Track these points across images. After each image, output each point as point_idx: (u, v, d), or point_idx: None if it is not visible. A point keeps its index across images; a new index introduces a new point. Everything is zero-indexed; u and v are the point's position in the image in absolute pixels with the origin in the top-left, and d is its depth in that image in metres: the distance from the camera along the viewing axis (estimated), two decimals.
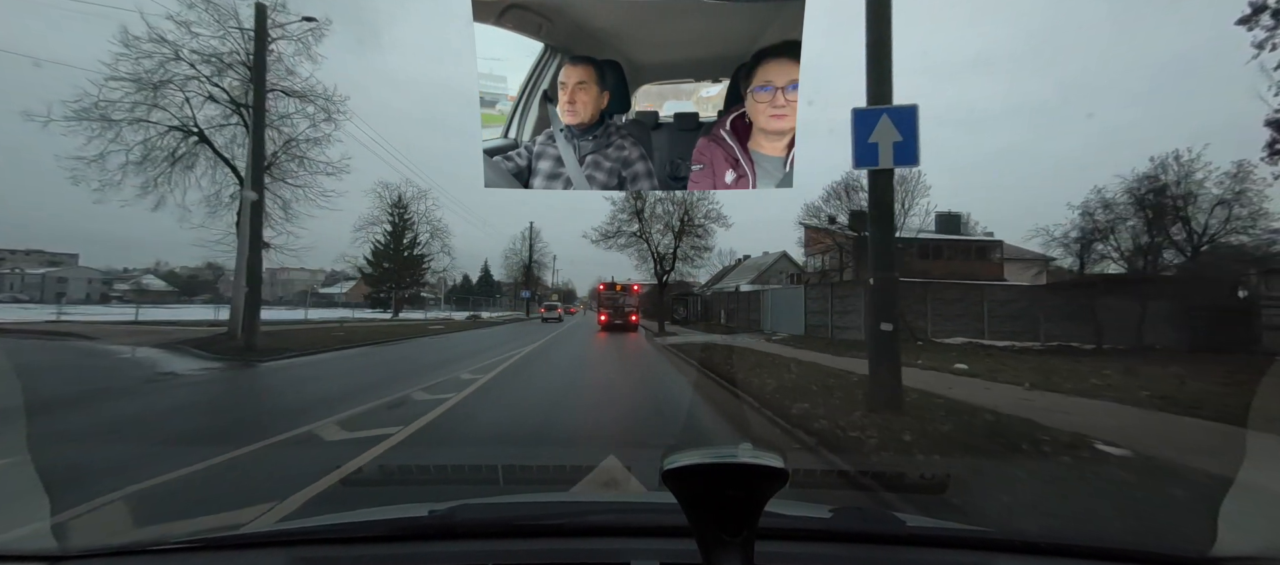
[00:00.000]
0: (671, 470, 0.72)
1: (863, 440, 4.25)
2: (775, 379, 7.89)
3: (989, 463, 3.67)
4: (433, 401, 6.37)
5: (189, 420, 5.58)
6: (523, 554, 1.20)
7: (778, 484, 0.72)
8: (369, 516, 1.35)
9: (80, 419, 5.42)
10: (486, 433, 5.09)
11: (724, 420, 5.86)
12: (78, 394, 6.87)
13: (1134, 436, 4.46)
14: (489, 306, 58.45)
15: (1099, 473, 3.47)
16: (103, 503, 2.89)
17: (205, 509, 2.85)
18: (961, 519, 2.70)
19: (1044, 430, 4.49)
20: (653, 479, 0.71)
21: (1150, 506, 2.98)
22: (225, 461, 3.77)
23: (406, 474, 3.17)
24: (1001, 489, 3.11)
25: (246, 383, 8.56)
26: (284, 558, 1.18)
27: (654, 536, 1.23)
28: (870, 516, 1.37)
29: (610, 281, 29.53)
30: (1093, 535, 2.03)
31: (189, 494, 3.16)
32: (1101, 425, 4.93)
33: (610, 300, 27.71)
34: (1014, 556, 1.21)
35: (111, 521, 2.78)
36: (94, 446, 4.34)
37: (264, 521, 2.60)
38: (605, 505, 1.54)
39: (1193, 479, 3.32)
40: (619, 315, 27.15)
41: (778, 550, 1.16)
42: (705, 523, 0.76)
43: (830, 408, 5.56)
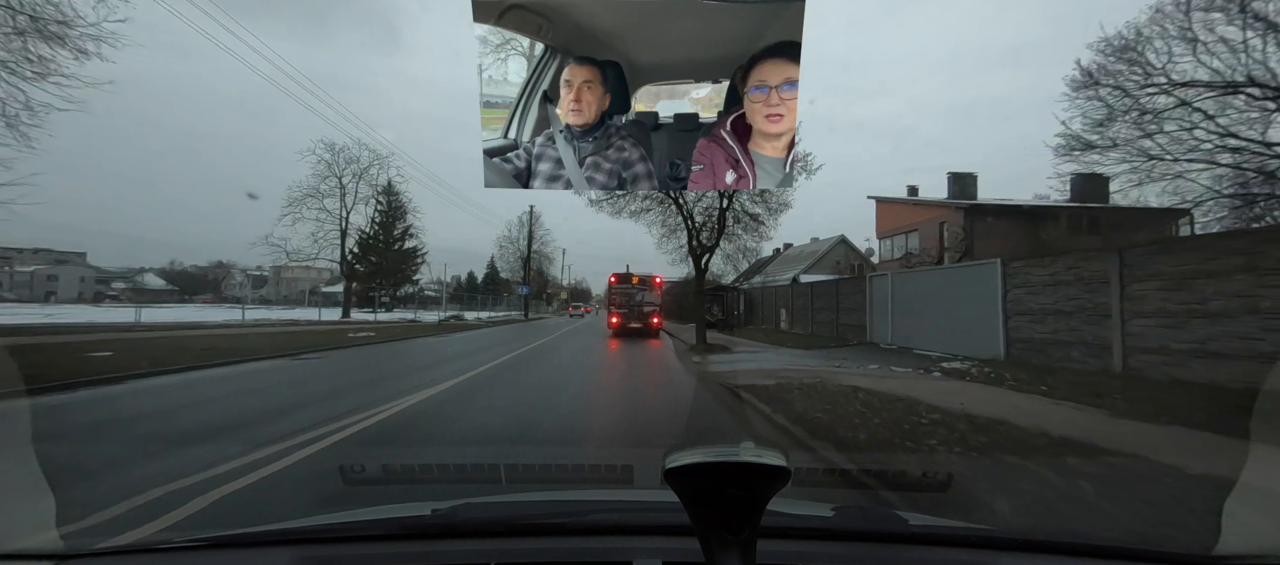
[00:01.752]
0: (674, 469, 0.73)
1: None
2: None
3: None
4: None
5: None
6: (526, 553, 1.20)
7: (780, 483, 0.73)
8: (372, 515, 1.35)
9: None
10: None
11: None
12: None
13: None
14: (494, 306, 51.30)
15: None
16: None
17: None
18: (964, 518, 2.70)
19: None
20: (655, 478, 0.72)
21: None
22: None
23: (409, 473, 3.17)
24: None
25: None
26: (288, 556, 1.18)
27: (657, 535, 1.23)
28: (872, 515, 1.37)
29: (624, 272, 22.22)
30: (1096, 534, 2.03)
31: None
32: None
33: (625, 297, 21.37)
34: (1016, 555, 1.22)
35: (115, 521, 2.78)
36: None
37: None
38: (608, 504, 1.54)
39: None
40: (636, 316, 21.06)
41: (780, 549, 1.16)
42: (708, 521, 0.76)
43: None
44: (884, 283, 15.75)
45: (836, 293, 19.11)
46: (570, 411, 6.07)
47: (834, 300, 19.03)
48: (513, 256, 49.41)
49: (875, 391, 6.68)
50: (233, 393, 7.12)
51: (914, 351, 12.82)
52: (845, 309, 18.13)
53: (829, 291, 19.92)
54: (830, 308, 19.22)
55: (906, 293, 14.62)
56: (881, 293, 15.70)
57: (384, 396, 6.60)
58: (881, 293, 15.70)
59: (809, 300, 21.60)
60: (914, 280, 14.74)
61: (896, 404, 5.85)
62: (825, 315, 19.71)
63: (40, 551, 1.15)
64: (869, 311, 16.11)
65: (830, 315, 19.18)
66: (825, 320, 19.68)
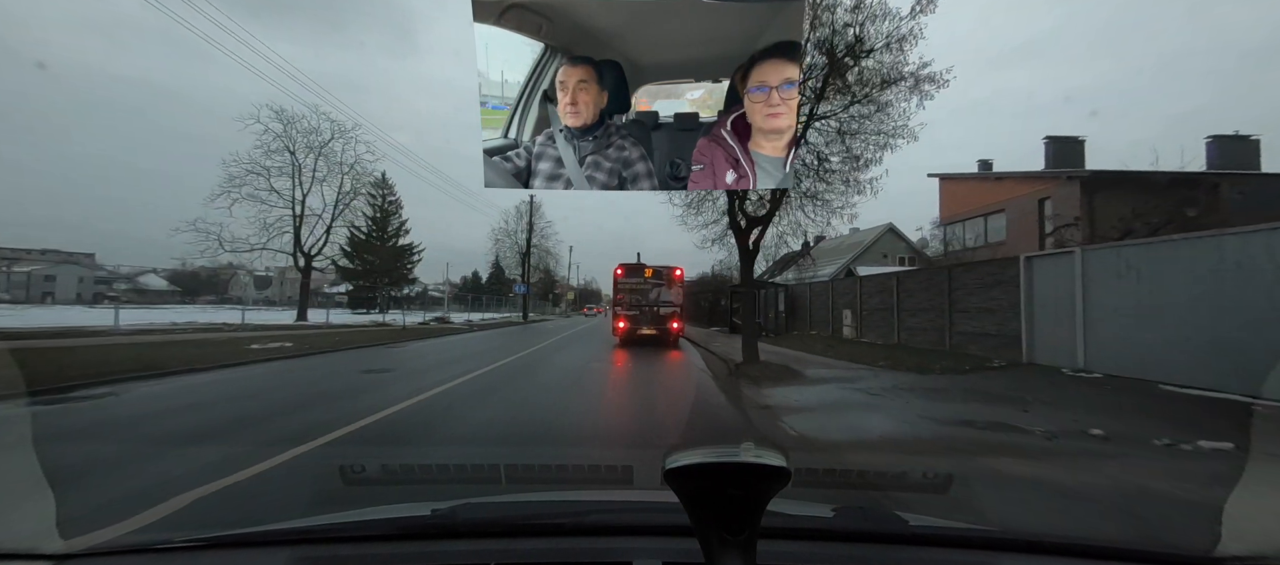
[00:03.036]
0: (674, 469, 0.72)
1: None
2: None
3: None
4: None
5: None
6: (525, 553, 1.20)
7: (780, 483, 0.72)
8: (371, 515, 1.35)
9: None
10: None
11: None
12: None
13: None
14: (497, 306, 46.62)
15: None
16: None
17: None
18: (965, 518, 2.69)
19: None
20: (655, 478, 0.72)
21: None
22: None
23: (409, 473, 3.17)
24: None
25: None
26: (286, 556, 1.18)
27: (656, 536, 1.23)
28: (873, 515, 1.37)
29: (635, 263, 17.11)
30: (1096, 535, 2.03)
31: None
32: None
33: (634, 294, 16.50)
34: (1017, 556, 1.21)
35: (114, 520, 2.78)
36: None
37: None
38: (607, 504, 1.54)
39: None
40: (649, 319, 16.21)
41: (780, 549, 1.16)
42: (707, 522, 0.76)
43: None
44: (1063, 266, 9.71)
45: (948, 287, 13.02)
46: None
47: (942, 298, 13.23)
48: (511, 251, 44.02)
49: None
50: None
51: (1159, 385, 7.48)
52: (967, 310, 12.41)
53: (930, 285, 13.93)
54: (933, 308, 13.68)
55: (1122, 282, 8.53)
56: (1055, 283, 9.85)
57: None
58: (1055, 283, 9.85)
59: (890, 298, 15.58)
60: (1148, 257, 8.22)
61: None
62: (924, 319, 14.12)
63: (40, 551, 1.15)
64: (1026, 314, 10.50)
65: (933, 319, 13.66)
66: (923, 326, 14.12)
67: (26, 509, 1.91)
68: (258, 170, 25.23)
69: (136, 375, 8.54)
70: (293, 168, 26.05)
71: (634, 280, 16.68)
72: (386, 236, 34.00)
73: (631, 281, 16.72)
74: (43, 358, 9.14)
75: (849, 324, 17.79)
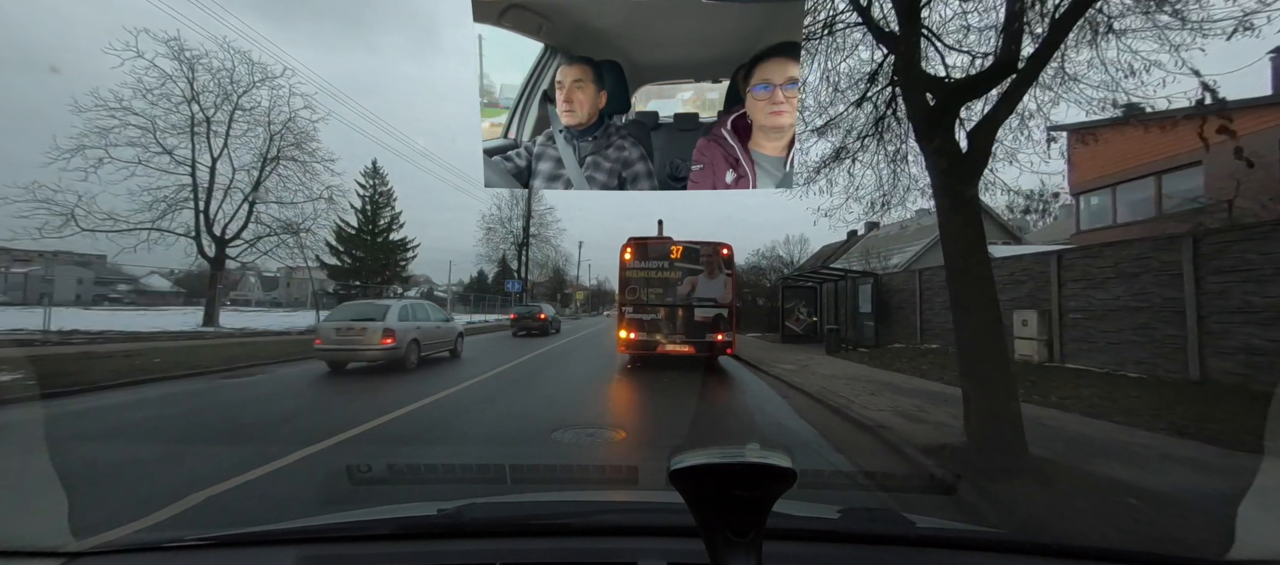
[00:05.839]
0: (679, 470, 0.72)
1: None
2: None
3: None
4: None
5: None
6: (530, 553, 1.20)
7: (786, 484, 0.72)
8: (377, 515, 1.35)
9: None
10: None
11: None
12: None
13: None
14: (502, 307, 38.59)
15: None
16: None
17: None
18: (971, 520, 2.67)
19: None
20: (660, 479, 0.71)
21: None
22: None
23: (415, 473, 3.18)
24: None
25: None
26: (293, 556, 1.18)
27: (661, 536, 1.22)
28: (879, 517, 1.36)
29: (658, 237, 10.82)
30: (1105, 538, 2.01)
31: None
32: None
33: (653, 286, 10.12)
34: (1025, 558, 1.20)
35: (124, 519, 2.79)
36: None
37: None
38: (613, 505, 1.54)
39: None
40: (679, 326, 9.89)
41: (786, 551, 1.15)
42: (713, 523, 0.75)
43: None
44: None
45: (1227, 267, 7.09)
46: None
47: (1177, 287, 7.67)
48: (506, 241, 37.47)
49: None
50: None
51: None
52: (1248, 309, 6.86)
53: (1236, 259, 7.01)
54: (1157, 305, 7.97)
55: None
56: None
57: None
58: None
59: (1124, 286, 8.54)
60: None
61: None
62: (1150, 320, 8.07)
63: (49, 548, 1.15)
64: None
65: (1164, 321, 7.83)
66: (1157, 337, 7.95)
67: (35, 505, 1.91)
68: (140, 123, 17.38)
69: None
70: (190, 120, 18.49)
71: (653, 264, 10.10)
72: (376, 231, 30.41)
73: (649, 266, 10.11)
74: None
75: (1033, 335, 10.21)
